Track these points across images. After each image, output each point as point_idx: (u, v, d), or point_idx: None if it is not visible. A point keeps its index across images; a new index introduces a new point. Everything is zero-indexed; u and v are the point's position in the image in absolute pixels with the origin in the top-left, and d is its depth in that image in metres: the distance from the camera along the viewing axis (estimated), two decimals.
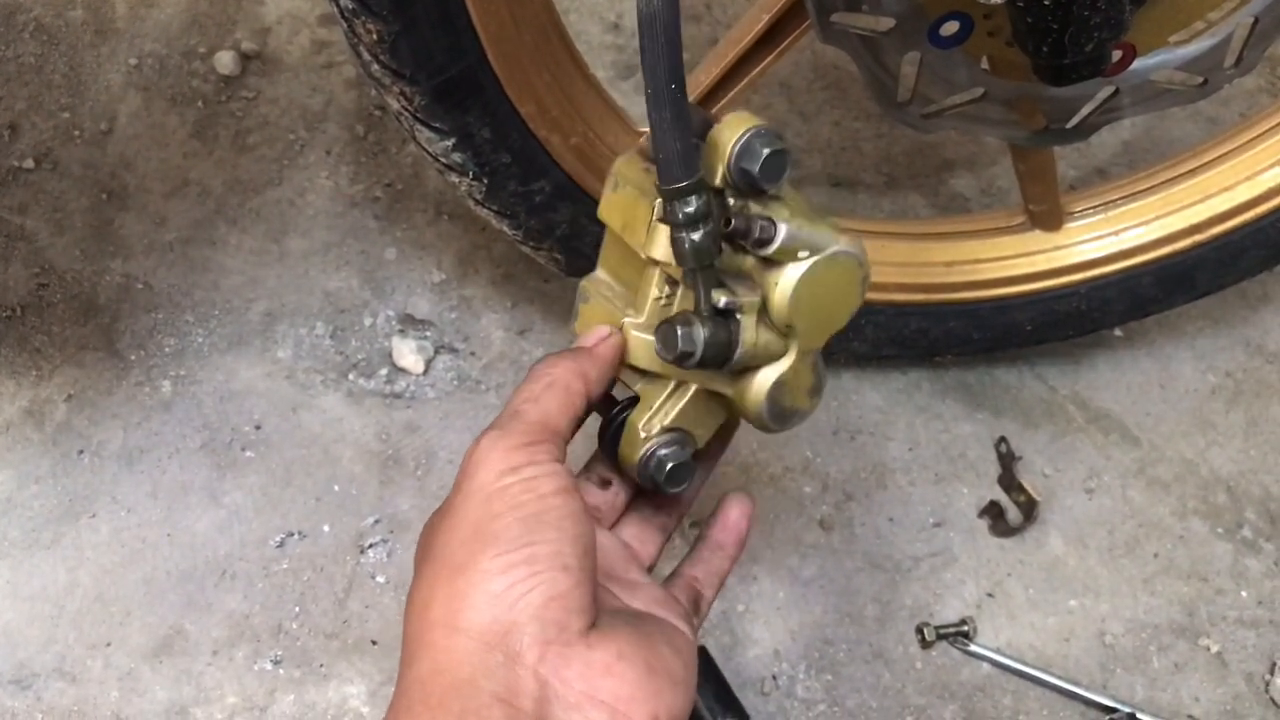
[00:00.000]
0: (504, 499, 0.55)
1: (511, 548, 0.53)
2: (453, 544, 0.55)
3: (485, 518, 0.55)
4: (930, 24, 0.80)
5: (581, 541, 0.55)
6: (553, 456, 0.58)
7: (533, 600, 0.52)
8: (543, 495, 0.55)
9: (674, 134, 0.57)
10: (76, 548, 0.97)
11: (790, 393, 0.64)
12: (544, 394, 0.60)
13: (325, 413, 1.06)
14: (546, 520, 0.55)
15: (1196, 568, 1.05)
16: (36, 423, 1.03)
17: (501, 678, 0.51)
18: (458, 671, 0.52)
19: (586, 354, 0.63)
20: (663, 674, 0.55)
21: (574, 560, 0.54)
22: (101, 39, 1.28)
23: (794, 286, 0.60)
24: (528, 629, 0.52)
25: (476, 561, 0.53)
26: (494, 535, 0.54)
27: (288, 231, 1.17)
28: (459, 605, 0.53)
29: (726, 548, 0.71)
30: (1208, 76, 0.87)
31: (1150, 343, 1.18)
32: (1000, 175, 1.28)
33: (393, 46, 0.77)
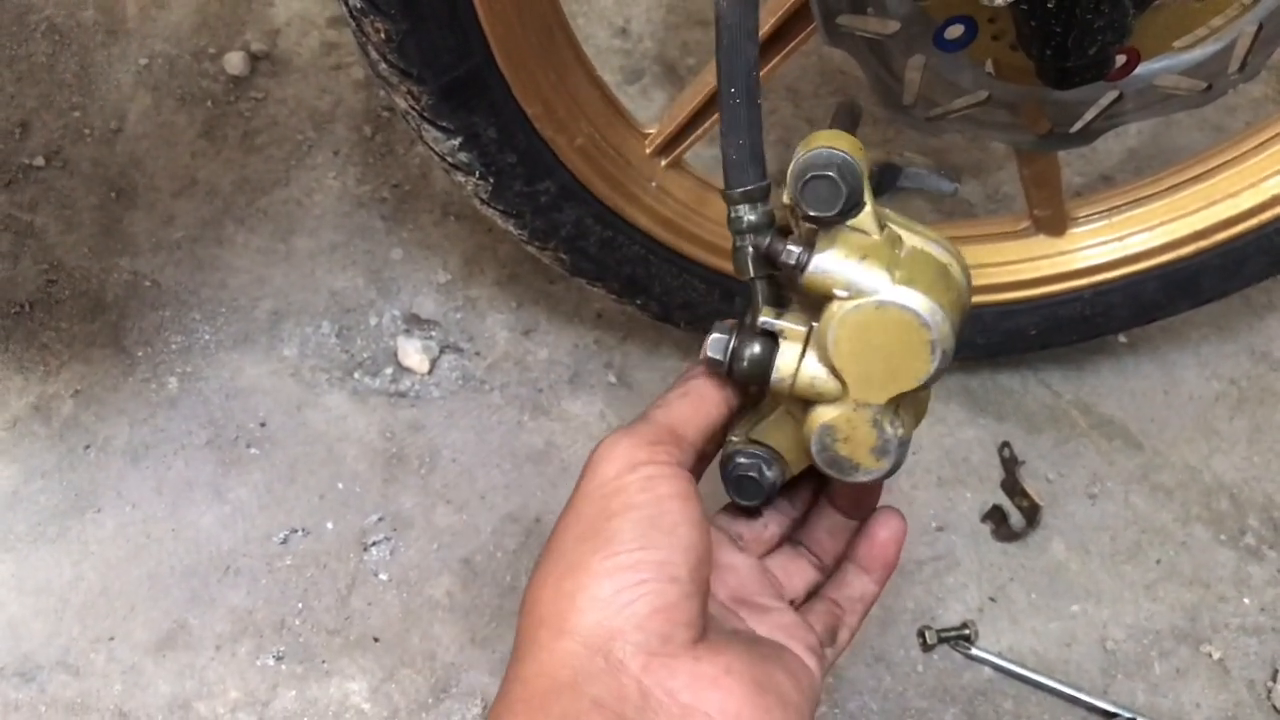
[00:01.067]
0: (621, 498, 0.54)
1: (622, 550, 0.52)
2: (567, 541, 0.54)
3: (601, 516, 0.54)
4: (935, 28, 0.80)
5: (695, 551, 0.54)
6: (674, 460, 0.56)
7: (638, 610, 0.52)
8: (660, 497, 0.54)
9: (734, 139, 0.56)
10: (81, 542, 0.97)
11: (845, 443, 0.59)
12: (677, 401, 0.59)
13: (330, 411, 1.06)
14: (660, 525, 0.53)
15: (1199, 574, 1.05)
16: (44, 418, 1.04)
17: (604, 683, 0.51)
18: (559, 674, 0.51)
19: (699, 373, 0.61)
20: (773, 693, 0.53)
21: (684, 571, 0.53)
22: (112, 39, 1.29)
23: (834, 326, 0.56)
24: (631, 638, 0.51)
25: (587, 563, 0.53)
26: (607, 536, 0.53)
27: (295, 231, 1.17)
28: (566, 606, 0.52)
29: (872, 571, 0.67)
30: (1212, 82, 0.87)
31: (1154, 349, 1.18)
32: (1005, 181, 1.28)
33: (400, 46, 0.78)
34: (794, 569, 0.68)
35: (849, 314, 0.55)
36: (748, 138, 0.56)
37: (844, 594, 0.67)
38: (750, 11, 0.55)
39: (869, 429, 0.58)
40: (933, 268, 0.57)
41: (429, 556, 1.00)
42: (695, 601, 0.53)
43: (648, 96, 1.31)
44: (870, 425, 0.58)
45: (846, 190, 0.54)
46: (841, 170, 0.54)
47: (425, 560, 1.00)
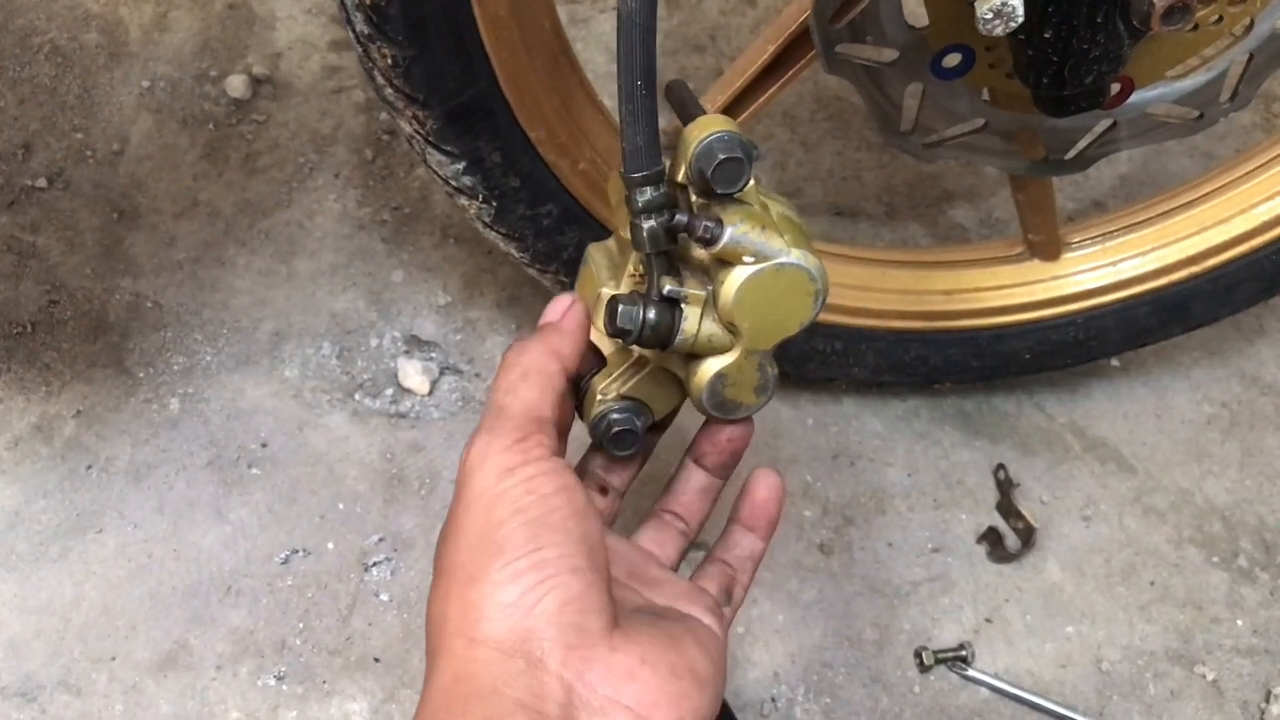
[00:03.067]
0: (505, 504, 0.55)
1: (518, 554, 0.53)
2: (460, 554, 0.55)
3: (489, 526, 0.54)
4: (933, 56, 0.81)
5: (588, 540, 0.55)
6: (548, 449, 0.57)
7: (547, 606, 0.52)
8: (544, 496, 0.55)
9: (638, 128, 0.61)
10: (83, 562, 0.98)
11: (733, 386, 0.66)
12: (520, 384, 0.60)
13: (331, 431, 1.07)
14: (550, 522, 0.54)
15: (1192, 596, 1.06)
16: (45, 438, 1.04)
17: (524, 684, 0.51)
18: (479, 680, 0.52)
19: (554, 331, 0.63)
20: (687, 676, 0.55)
21: (583, 561, 0.54)
22: (115, 61, 1.30)
23: (737, 288, 0.62)
24: (546, 634, 0.52)
25: (486, 572, 0.53)
26: (499, 544, 0.54)
27: (296, 253, 1.18)
28: (475, 616, 0.53)
29: (757, 529, 0.70)
30: (1204, 110, 0.89)
31: (1147, 373, 1.20)
32: (999, 206, 1.30)
33: (406, 71, 0.79)
34: (663, 539, 0.69)
35: (751, 277, 0.62)
36: (648, 126, 0.61)
37: (733, 554, 0.69)
38: (650, 8, 0.60)
39: (755, 372, 0.66)
40: (797, 227, 0.65)
41: (429, 577, 1.00)
42: (599, 589, 0.54)
43: None
44: (756, 369, 0.66)
45: (749, 169, 0.61)
46: (744, 151, 0.60)
47: (426, 581, 1.00)
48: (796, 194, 1.29)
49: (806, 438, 1.12)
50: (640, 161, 0.61)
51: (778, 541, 1.04)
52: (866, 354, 1.08)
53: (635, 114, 0.61)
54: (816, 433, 1.13)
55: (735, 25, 1.43)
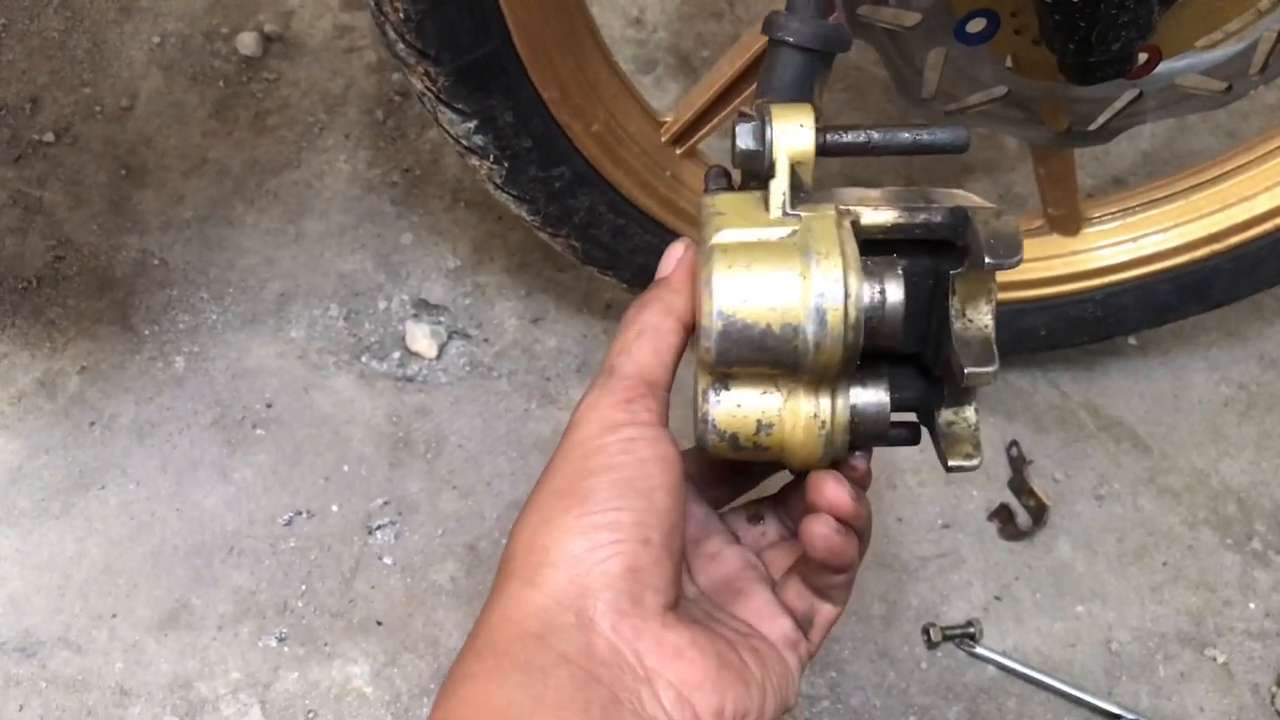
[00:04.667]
0: (600, 457, 0.54)
1: (597, 509, 0.52)
2: (544, 497, 0.54)
3: (579, 474, 0.54)
4: (957, 20, 0.79)
5: (669, 517, 0.54)
6: (653, 415, 0.56)
7: (610, 568, 0.52)
8: (640, 459, 0.54)
9: None
10: (85, 518, 0.97)
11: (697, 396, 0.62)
12: (635, 344, 0.58)
13: (337, 393, 1.06)
14: (638, 487, 0.53)
15: (1205, 578, 1.05)
16: (49, 394, 1.03)
17: (572, 638, 0.51)
18: (527, 624, 0.51)
19: (666, 286, 0.60)
20: (735, 670, 0.54)
21: (657, 535, 0.53)
22: (125, 16, 1.29)
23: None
24: (602, 596, 0.51)
25: (562, 519, 0.53)
26: (583, 495, 0.53)
27: (305, 213, 1.17)
28: (539, 560, 0.52)
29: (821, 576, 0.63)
30: (1232, 83, 0.87)
31: (1164, 352, 1.18)
32: (1018, 181, 1.28)
33: (419, 26, 0.77)
34: (786, 562, 0.65)
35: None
36: None
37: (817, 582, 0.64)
38: None
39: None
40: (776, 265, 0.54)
41: (433, 541, 1.00)
42: (667, 567, 0.53)
43: (661, 87, 1.30)
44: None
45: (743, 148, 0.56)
46: (751, 132, 0.56)
47: (430, 545, 0.99)
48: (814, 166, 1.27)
49: None
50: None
51: None
52: None
53: None
54: None
55: None
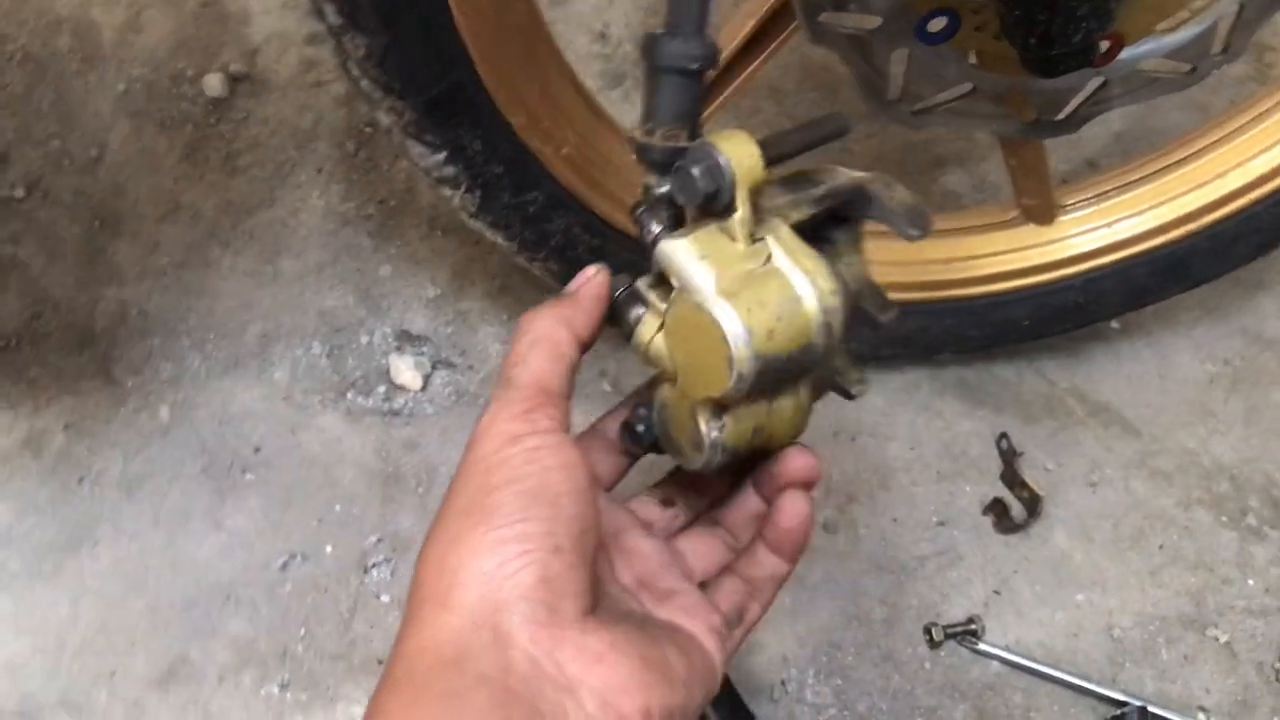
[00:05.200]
0: (504, 471, 0.54)
1: (504, 523, 0.52)
2: (449, 515, 0.54)
3: (483, 490, 0.53)
4: (917, 21, 0.79)
5: (579, 521, 0.53)
6: (554, 422, 0.56)
7: (523, 580, 0.51)
8: (545, 468, 0.54)
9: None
10: (79, 577, 0.96)
11: (673, 422, 0.61)
12: (530, 353, 0.58)
13: (324, 433, 1.06)
14: (543, 497, 0.53)
15: (1202, 558, 1.05)
16: (35, 453, 1.03)
17: (490, 657, 0.50)
18: (443, 651, 0.50)
19: (568, 301, 0.61)
20: (658, 668, 0.53)
21: (567, 541, 0.52)
22: (89, 66, 1.28)
23: (671, 310, 0.58)
24: (517, 609, 0.51)
25: (469, 537, 0.52)
26: (489, 510, 0.52)
27: (281, 252, 1.17)
28: (450, 581, 0.51)
29: (782, 553, 0.66)
30: (1195, 64, 0.87)
31: (1148, 334, 1.18)
32: (992, 170, 1.28)
33: (381, 61, 0.77)
34: (705, 549, 0.67)
35: (678, 303, 0.57)
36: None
37: (755, 573, 0.66)
38: None
39: (689, 422, 0.59)
40: (779, 294, 0.55)
41: None
42: (581, 572, 0.53)
43: (630, 101, 1.30)
44: (689, 416, 0.59)
45: (704, 190, 0.55)
46: (709, 171, 0.55)
47: None
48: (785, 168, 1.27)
49: None
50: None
51: None
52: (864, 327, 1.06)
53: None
54: (816, 410, 1.11)
55: None
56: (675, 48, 0.58)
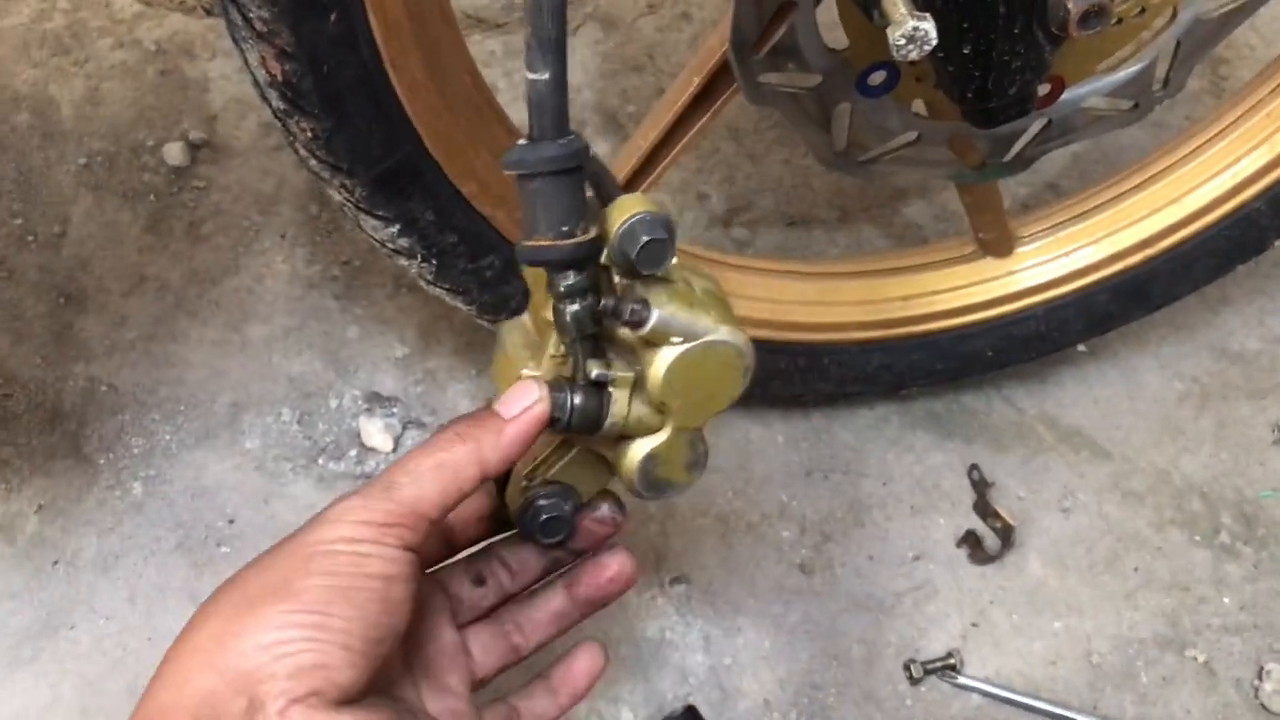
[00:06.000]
0: (324, 561, 0.54)
1: (305, 608, 0.52)
2: (254, 584, 0.54)
3: (298, 573, 0.54)
4: (857, 75, 0.80)
5: (380, 629, 0.54)
6: (403, 543, 0.56)
7: (300, 661, 0.51)
8: (367, 575, 0.54)
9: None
10: (57, 661, 0.96)
11: (664, 465, 0.66)
12: (429, 475, 0.58)
13: (297, 500, 1.06)
14: (354, 599, 0.53)
15: (1177, 578, 1.06)
16: (8, 537, 1.03)
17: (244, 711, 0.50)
18: (198, 711, 0.51)
19: (494, 436, 0.60)
20: None
21: (360, 645, 0.53)
22: (49, 141, 1.29)
23: (666, 369, 0.61)
24: (281, 683, 0.51)
25: (264, 611, 0.52)
26: (295, 592, 0.53)
27: (248, 319, 1.17)
28: (229, 643, 0.52)
29: (559, 696, 0.69)
30: (1138, 100, 0.88)
31: (1115, 355, 1.19)
32: (952, 200, 1.28)
33: (328, 142, 0.78)
34: (493, 647, 0.69)
35: (680, 357, 0.61)
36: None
37: (526, 705, 0.68)
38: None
39: (686, 449, 0.66)
40: (722, 301, 0.65)
41: None
42: (359, 674, 0.53)
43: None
44: (687, 446, 0.66)
45: (673, 248, 0.60)
46: (668, 229, 0.60)
47: None
48: (749, 207, 1.28)
49: (778, 455, 1.11)
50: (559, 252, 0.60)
51: (759, 566, 1.04)
52: (830, 367, 1.07)
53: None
54: (788, 450, 1.12)
55: (673, 41, 1.42)
56: (551, 152, 0.59)
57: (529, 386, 0.62)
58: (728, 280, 1.02)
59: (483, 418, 0.61)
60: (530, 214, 0.60)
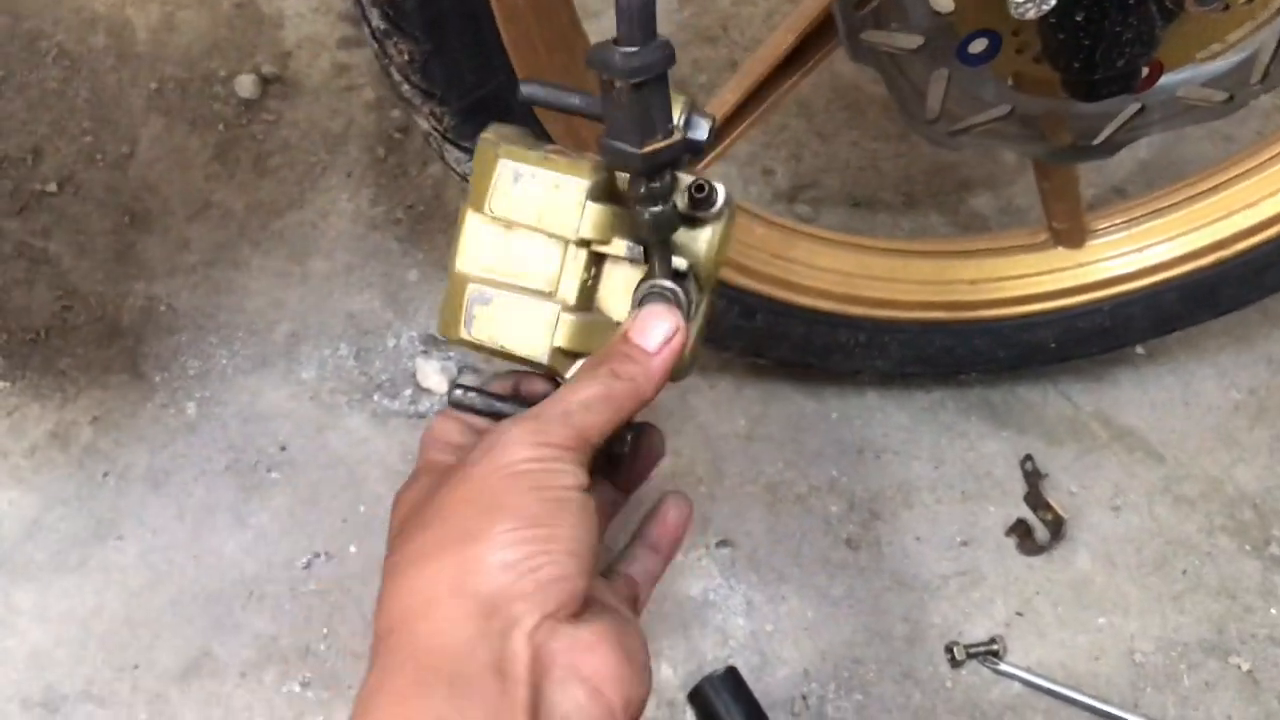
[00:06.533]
0: (528, 480, 0.55)
1: (530, 525, 0.53)
2: (463, 512, 0.54)
3: (506, 492, 0.54)
4: (959, 42, 0.80)
5: (590, 539, 0.55)
6: (579, 462, 0.57)
7: (542, 575, 0.52)
8: (565, 487, 0.55)
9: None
10: (103, 570, 0.97)
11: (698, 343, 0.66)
12: (599, 405, 0.59)
13: (350, 433, 1.06)
14: (567, 511, 0.55)
15: (1225, 585, 1.05)
16: (62, 445, 1.03)
17: (499, 647, 0.51)
18: (455, 636, 0.51)
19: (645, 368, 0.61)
20: (636, 663, 0.56)
21: (583, 551, 0.54)
22: (123, 63, 1.29)
23: (720, 240, 0.63)
24: (534, 597, 0.52)
25: (489, 532, 0.53)
26: (514, 510, 0.54)
27: (310, 253, 1.17)
28: (470, 569, 0.52)
29: (661, 550, 0.70)
30: (1233, 93, 0.87)
31: (1173, 360, 1.18)
32: (1019, 194, 1.28)
33: (424, 67, 0.78)
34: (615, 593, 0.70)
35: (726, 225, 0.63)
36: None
37: (636, 569, 0.68)
38: None
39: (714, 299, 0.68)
40: None
41: None
42: (586, 582, 0.55)
43: None
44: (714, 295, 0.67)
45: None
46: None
47: None
48: (814, 185, 1.28)
49: (831, 431, 1.11)
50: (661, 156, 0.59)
51: (805, 537, 1.03)
52: (890, 345, 1.06)
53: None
54: (841, 426, 1.11)
55: (747, 15, 1.41)
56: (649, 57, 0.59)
57: (663, 314, 0.62)
58: (796, 249, 1.02)
59: (630, 352, 0.61)
60: (624, 118, 0.59)
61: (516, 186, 0.64)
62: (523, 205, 0.63)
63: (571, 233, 0.63)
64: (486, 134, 0.66)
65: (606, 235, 0.63)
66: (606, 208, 0.63)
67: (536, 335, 0.64)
